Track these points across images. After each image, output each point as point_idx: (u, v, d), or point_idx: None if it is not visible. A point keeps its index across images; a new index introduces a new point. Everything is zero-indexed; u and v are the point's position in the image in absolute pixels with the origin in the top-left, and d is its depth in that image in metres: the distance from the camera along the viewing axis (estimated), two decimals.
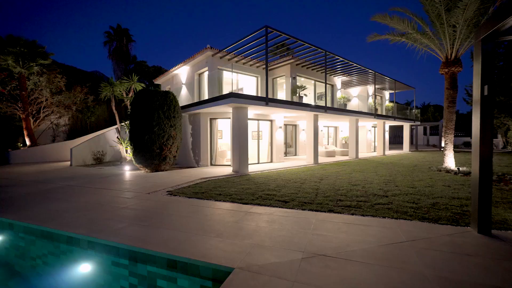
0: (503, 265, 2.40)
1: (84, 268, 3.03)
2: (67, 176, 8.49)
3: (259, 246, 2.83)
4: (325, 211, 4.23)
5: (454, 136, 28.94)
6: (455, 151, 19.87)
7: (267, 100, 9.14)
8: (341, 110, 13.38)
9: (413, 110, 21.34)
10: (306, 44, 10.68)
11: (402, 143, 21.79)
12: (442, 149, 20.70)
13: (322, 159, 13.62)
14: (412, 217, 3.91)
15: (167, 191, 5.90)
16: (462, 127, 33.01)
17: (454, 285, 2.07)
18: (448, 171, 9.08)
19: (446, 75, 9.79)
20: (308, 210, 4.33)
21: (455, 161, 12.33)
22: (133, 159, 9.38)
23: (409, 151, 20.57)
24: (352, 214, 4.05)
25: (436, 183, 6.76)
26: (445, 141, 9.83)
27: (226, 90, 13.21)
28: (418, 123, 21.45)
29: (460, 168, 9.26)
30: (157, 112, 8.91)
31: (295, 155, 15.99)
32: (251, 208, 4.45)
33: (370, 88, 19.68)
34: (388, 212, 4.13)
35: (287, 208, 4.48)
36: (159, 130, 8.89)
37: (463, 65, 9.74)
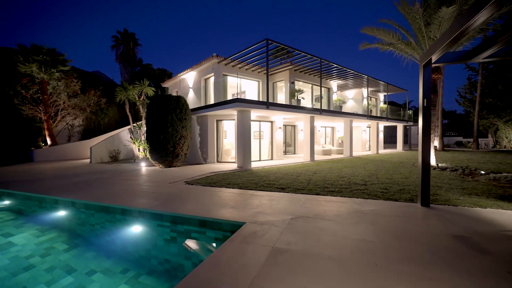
0: (424, 221, 3.59)
1: (136, 229, 4.24)
2: (93, 171, 9.71)
3: (262, 213, 4.03)
4: (313, 194, 5.42)
5: (447, 136, 30.08)
6: (446, 150, 21.01)
7: (268, 104, 10.34)
8: (336, 112, 14.55)
9: (407, 111, 22.46)
10: (303, 53, 11.87)
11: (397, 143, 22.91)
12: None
13: (318, 157, 14.79)
14: (379, 198, 5.09)
15: (185, 182, 7.10)
16: (457, 127, 34.07)
17: (386, 231, 3.26)
18: None
19: None
20: (300, 193, 5.52)
21: (439, 158, 13.51)
22: (149, 156, 10.59)
23: (402, 150, 21.70)
24: (333, 196, 5.24)
25: (412, 176, 7.92)
26: None
27: (230, 93, 14.43)
28: (411, 123, 22.56)
29: (439, 164, 10.43)
30: (170, 115, 10.11)
31: (294, 153, 17.17)
32: (255, 193, 5.64)
33: (365, 91, 20.82)
34: (362, 195, 5.32)
35: (283, 192, 5.67)
36: (172, 130, 10.10)
37: (454, 71, 10.91)
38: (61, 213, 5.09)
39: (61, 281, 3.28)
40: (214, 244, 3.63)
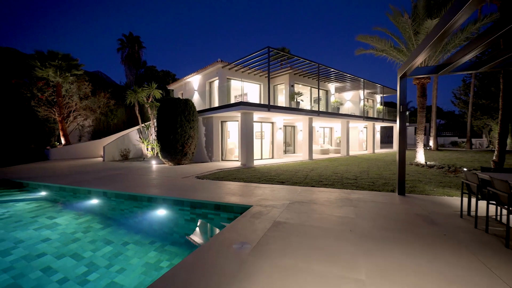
0: (397, 205, 4.45)
1: (160, 212, 5.11)
2: (110, 168, 10.58)
3: (265, 199, 4.89)
4: (308, 186, 6.28)
5: (443, 136, 30.86)
6: (440, 150, 21.83)
7: (269, 107, 11.20)
8: (332, 113, 15.40)
9: None
10: (301, 59, 12.73)
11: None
12: (428, 147, 22.67)
13: (317, 156, 15.64)
14: (365, 189, 5.94)
15: (196, 176, 7.98)
16: (453, 127, 34.77)
17: (364, 211, 4.12)
18: (418, 164, 11.08)
19: (418, 85, 11.78)
20: (297, 186, 6.38)
21: (430, 157, 14.34)
22: (160, 155, 11.47)
23: None
24: (326, 188, 6.10)
25: None
26: (416, 140, 11.81)
27: (232, 95, 15.29)
28: (407, 124, 23.36)
29: (428, 162, 11.26)
30: (179, 117, 10.99)
31: (294, 152, 18.03)
32: (258, 185, 6.51)
33: (362, 93, 21.64)
34: (351, 187, 6.17)
35: (283, 185, 6.53)
36: (181, 131, 10.97)
37: (448, 75, 11.72)
38: (94, 201, 5.96)
39: (103, 249, 4.14)
40: (216, 225, 4.49)
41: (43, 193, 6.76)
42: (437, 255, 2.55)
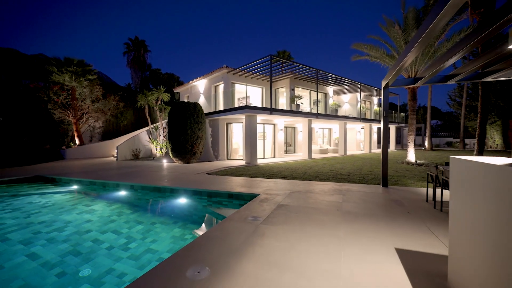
0: (379, 193, 5.41)
1: (181, 200, 6.07)
2: (127, 166, 11.56)
3: (270, 189, 5.86)
4: (306, 181, 7.24)
5: (439, 136, 31.77)
6: (434, 150, 22.75)
7: (272, 110, 12.17)
8: (331, 115, 16.36)
9: (398, 114, 24.19)
10: (301, 65, 13.70)
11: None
12: (423, 147, 23.58)
13: (316, 156, 16.59)
14: (355, 182, 6.90)
15: (206, 173, 8.94)
16: (449, 127, 35.58)
17: (351, 198, 5.07)
18: (408, 163, 12.02)
19: (409, 90, 12.73)
20: (297, 180, 7.34)
21: (422, 156, 15.27)
22: (170, 154, 12.45)
23: (395, 149, 23.44)
24: (322, 181, 7.05)
25: (389, 170, 9.70)
26: (408, 140, 12.75)
27: (236, 98, 16.26)
28: (403, 125, 24.29)
29: (418, 161, 12.20)
30: (189, 119, 11.97)
31: (294, 152, 18.98)
32: (263, 180, 7.47)
33: (359, 95, 22.58)
34: (343, 181, 7.13)
35: (285, 179, 7.49)
36: (191, 132, 11.95)
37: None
38: (122, 193, 6.93)
39: (136, 227, 5.05)
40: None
41: (75, 187, 7.74)
42: (396, 222, 3.50)
